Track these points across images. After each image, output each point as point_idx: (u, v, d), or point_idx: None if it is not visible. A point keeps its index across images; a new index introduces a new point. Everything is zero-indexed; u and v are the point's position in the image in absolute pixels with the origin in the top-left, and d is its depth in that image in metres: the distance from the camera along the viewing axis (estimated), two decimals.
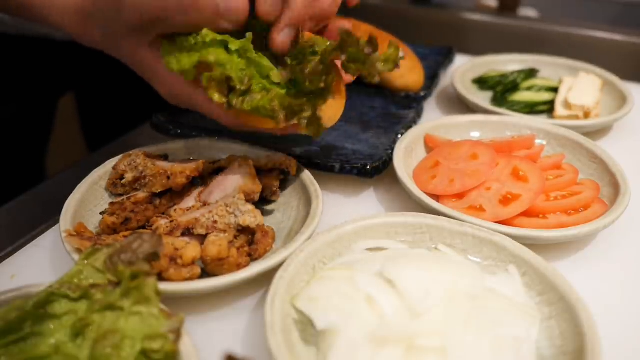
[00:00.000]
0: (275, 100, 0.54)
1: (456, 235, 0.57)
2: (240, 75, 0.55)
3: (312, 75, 0.54)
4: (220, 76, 0.55)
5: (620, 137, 0.87)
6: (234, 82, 0.55)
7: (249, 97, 0.55)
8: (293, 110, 0.54)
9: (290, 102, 0.54)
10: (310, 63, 0.54)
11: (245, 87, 0.55)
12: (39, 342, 0.43)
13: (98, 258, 0.47)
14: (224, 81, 0.55)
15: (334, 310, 0.48)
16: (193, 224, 0.56)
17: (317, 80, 0.54)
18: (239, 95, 0.55)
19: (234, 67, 0.55)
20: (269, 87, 0.56)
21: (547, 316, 0.50)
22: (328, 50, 0.54)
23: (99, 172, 0.65)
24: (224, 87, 0.55)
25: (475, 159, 0.69)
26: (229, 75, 0.54)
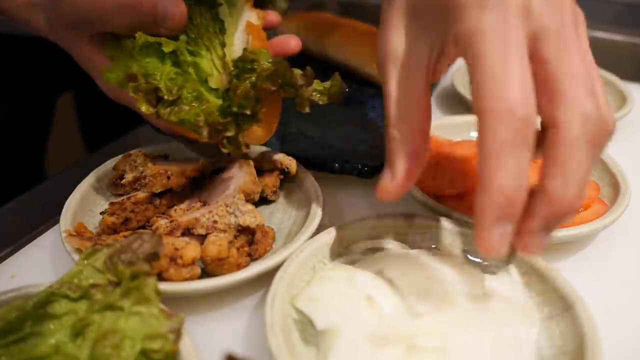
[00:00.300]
0: (200, 115, 0.53)
1: (456, 235, 0.57)
2: (169, 84, 0.54)
3: (242, 99, 0.52)
4: (147, 86, 0.53)
5: (620, 137, 0.87)
6: (162, 92, 0.53)
7: (177, 108, 0.54)
8: (216, 129, 0.52)
9: (214, 119, 0.53)
10: (244, 84, 0.53)
11: (173, 97, 0.54)
12: (39, 342, 0.43)
13: (98, 258, 0.47)
14: (152, 91, 0.54)
15: (334, 310, 0.48)
16: (193, 224, 0.56)
17: (245, 105, 0.52)
18: (167, 106, 0.54)
19: (164, 75, 0.54)
20: (205, 94, 0.56)
21: (547, 316, 0.50)
22: (261, 77, 0.53)
23: (99, 172, 0.65)
24: (152, 97, 0.54)
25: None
26: (156, 85, 0.53)
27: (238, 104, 0.52)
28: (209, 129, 0.52)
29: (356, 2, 1.40)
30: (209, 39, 0.59)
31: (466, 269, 0.53)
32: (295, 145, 0.75)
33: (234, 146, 0.53)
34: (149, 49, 0.55)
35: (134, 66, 0.54)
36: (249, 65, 0.55)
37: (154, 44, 0.55)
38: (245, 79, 0.54)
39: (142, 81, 0.53)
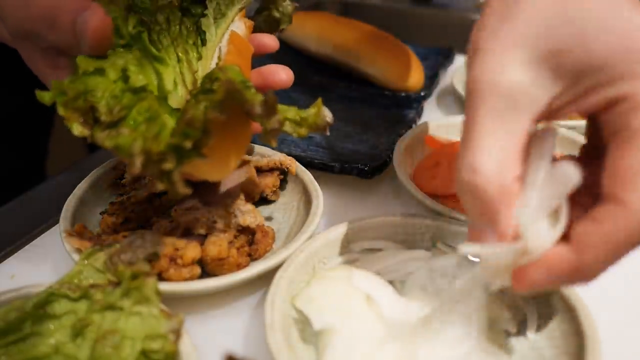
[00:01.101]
0: (138, 141, 0.43)
1: (456, 235, 0.57)
2: (111, 103, 0.45)
3: (185, 128, 0.42)
4: (83, 104, 0.44)
5: None
6: (99, 112, 0.44)
7: (114, 132, 0.44)
8: (151, 159, 0.42)
9: (150, 148, 0.42)
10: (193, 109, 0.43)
11: (113, 118, 0.44)
12: (38, 342, 0.43)
13: (98, 258, 0.47)
14: (88, 110, 0.45)
15: (332, 310, 0.48)
16: (193, 224, 0.56)
17: (189, 135, 0.42)
18: (104, 129, 0.44)
19: (106, 92, 0.45)
20: (162, 117, 0.46)
21: (547, 316, 0.50)
22: (212, 102, 0.44)
23: (99, 172, 0.65)
24: (89, 117, 0.45)
25: None
26: (93, 103, 0.44)
27: (181, 132, 0.42)
28: (143, 159, 0.42)
29: (357, 2, 1.40)
30: (184, 50, 0.52)
31: (466, 269, 0.53)
32: (295, 145, 0.75)
33: (169, 183, 0.42)
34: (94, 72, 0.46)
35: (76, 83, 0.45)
36: (209, 85, 0.47)
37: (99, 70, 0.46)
38: (199, 101, 0.45)
39: (77, 98, 0.44)
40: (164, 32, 0.52)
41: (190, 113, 0.42)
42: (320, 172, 0.69)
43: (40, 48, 0.52)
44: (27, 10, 0.49)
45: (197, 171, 0.47)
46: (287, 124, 0.47)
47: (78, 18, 0.47)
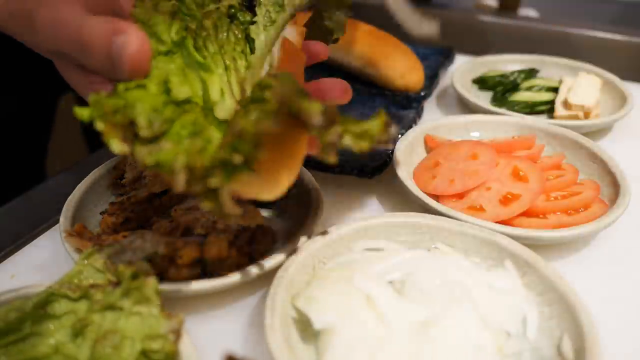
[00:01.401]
0: (181, 156, 0.39)
1: (456, 235, 0.57)
2: (152, 117, 0.41)
3: (235, 141, 0.39)
4: (121, 119, 0.41)
5: (620, 137, 0.87)
6: (139, 127, 0.41)
7: (156, 147, 0.41)
8: (195, 176, 0.39)
9: (194, 163, 0.39)
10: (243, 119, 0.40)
11: (153, 134, 0.41)
12: (38, 342, 0.43)
13: (98, 258, 0.47)
14: (127, 125, 0.41)
15: (333, 310, 0.48)
16: (193, 224, 0.56)
17: (238, 149, 0.39)
18: (145, 144, 0.41)
19: (147, 104, 0.42)
20: (208, 130, 0.43)
21: (547, 316, 0.50)
22: (267, 112, 0.40)
23: (99, 172, 0.65)
24: (128, 132, 0.41)
25: (475, 159, 0.69)
26: (131, 118, 0.41)
27: (230, 146, 0.39)
28: (187, 176, 0.39)
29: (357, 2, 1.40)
30: (232, 58, 0.48)
31: (466, 269, 0.53)
32: None
33: (216, 202, 0.39)
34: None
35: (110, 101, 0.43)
36: (260, 93, 0.44)
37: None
38: (250, 111, 0.42)
39: (116, 111, 0.41)
40: (211, 38, 0.49)
41: (240, 124, 0.39)
42: (320, 172, 0.69)
43: (73, 65, 0.50)
44: (56, 31, 0.46)
45: (246, 190, 0.42)
46: (347, 137, 0.41)
47: (113, 43, 0.43)
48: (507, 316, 0.49)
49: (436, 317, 0.47)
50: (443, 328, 0.46)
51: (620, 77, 0.97)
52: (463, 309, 0.48)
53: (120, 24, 0.44)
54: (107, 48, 0.44)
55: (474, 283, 0.51)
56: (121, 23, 0.45)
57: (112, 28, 0.44)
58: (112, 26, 0.44)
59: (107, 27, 0.44)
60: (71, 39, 0.46)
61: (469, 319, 0.48)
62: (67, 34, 0.46)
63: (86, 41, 0.44)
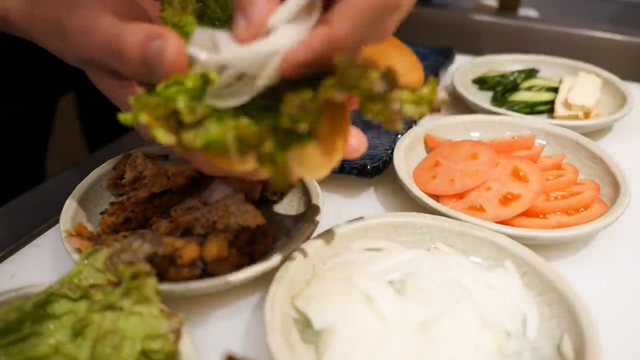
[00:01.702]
0: (230, 132, 0.39)
1: (456, 235, 0.57)
2: (191, 103, 0.42)
3: (296, 111, 0.39)
4: (164, 110, 0.41)
5: (620, 137, 0.87)
6: (182, 116, 0.41)
7: (201, 129, 0.41)
8: (248, 143, 0.39)
9: (245, 131, 0.39)
10: (295, 96, 0.39)
11: (197, 118, 0.41)
12: (38, 342, 0.43)
13: (98, 258, 0.47)
14: (170, 115, 0.42)
15: (333, 310, 0.48)
16: (193, 224, 0.56)
17: (299, 119, 0.39)
18: (191, 129, 0.41)
19: (186, 94, 0.42)
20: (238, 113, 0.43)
21: (547, 316, 0.50)
22: (326, 85, 0.40)
23: (99, 172, 0.65)
24: (172, 121, 0.42)
25: (475, 159, 0.69)
26: (173, 107, 0.41)
27: (290, 117, 0.39)
28: (238, 145, 0.39)
29: None
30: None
31: (466, 269, 0.53)
32: None
33: (276, 170, 0.39)
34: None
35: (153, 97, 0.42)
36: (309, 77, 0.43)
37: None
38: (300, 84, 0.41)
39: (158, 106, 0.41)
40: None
41: (301, 95, 0.39)
42: None
43: (105, 72, 0.50)
44: (88, 39, 0.46)
45: (307, 162, 0.41)
46: (406, 105, 0.42)
47: (149, 47, 0.43)
48: (507, 316, 0.49)
49: (436, 317, 0.47)
50: (443, 328, 0.46)
51: (620, 77, 0.97)
52: (463, 309, 0.48)
53: (154, 28, 0.44)
54: (143, 54, 0.43)
55: (474, 283, 0.51)
56: (156, 27, 0.44)
57: (147, 33, 0.44)
58: (147, 31, 0.44)
59: (142, 32, 0.44)
60: (105, 47, 0.45)
61: (469, 319, 0.48)
62: (100, 42, 0.46)
63: (121, 48, 0.44)
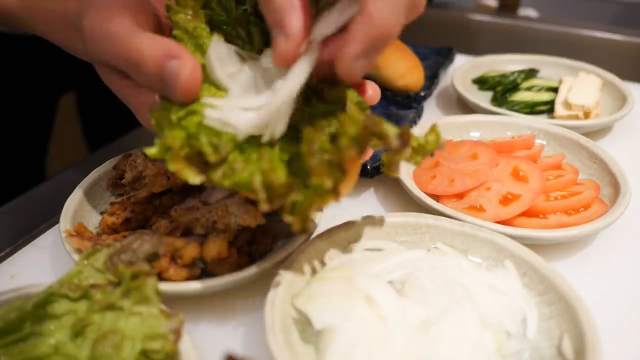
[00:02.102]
0: (257, 175, 0.42)
1: (456, 235, 0.57)
2: (214, 140, 0.44)
3: (321, 170, 0.42)
4: (189, 151, 0.44)
5: (620, 137, 0.87)
6: (207, 156, 0.44)
7: (228, 169, 0.44)
8: (278, 193, 0.42)
9: (274, 180, 0.42)
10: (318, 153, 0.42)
11: (221, 156, 0.44)
12: (38, 342, 0.43)
13: (98, 258, 0.47)
14: (196, 156, 0.44)
15: (333, 310, 0.48)
16: (193, 223, 0.56)
17: (320, 177, 0.42)
18: (217, 168, 0.44)
19: (206, 131, 0.45)
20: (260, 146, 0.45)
21: (547, 316, 0.50)
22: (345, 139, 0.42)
23: (99, 172, 0.65)
24: (198, 162, 0.44)
25: (475, 159, 0.69)
26: (198, 148, 0.44)
27: (317, 174, 0.42)
28: (267, 194, 0.42)
29: None
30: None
31: (466, 269, 0.53)
32: None
33: (300, 218, 0.42)
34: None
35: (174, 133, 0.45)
36: (324, 108, 0.46)
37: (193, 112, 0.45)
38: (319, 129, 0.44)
39: (182, 147, 0.44)
40: (247, 45, 0.51)
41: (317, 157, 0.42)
42: None
43: (116, 71, 0.50)
44: (106, 44, 0.47)
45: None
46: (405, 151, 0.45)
47: (167, 66, 0.45)
48: (507, 316, 0.49)
49: (436, 317, 0.47)
50: (443, 328, 0.46)
51: (620, 77, 0.97)
52: (463, 309, 0.48)
53: (173, 47, 0.46)
54: (160, 70, 0.45)
55: (474, 283, 0.51)
56: (174, 46, 0.46)
57: (165, 51, 0.45)
58: (166, 49, 0.45)
59: (161, 49, 0.46)
60: (123, 56, 0.47)
61: (469, 318, 0.48)
62: (118, 50, 0.47)
63: (139, 60, 0.46)
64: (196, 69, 0.45)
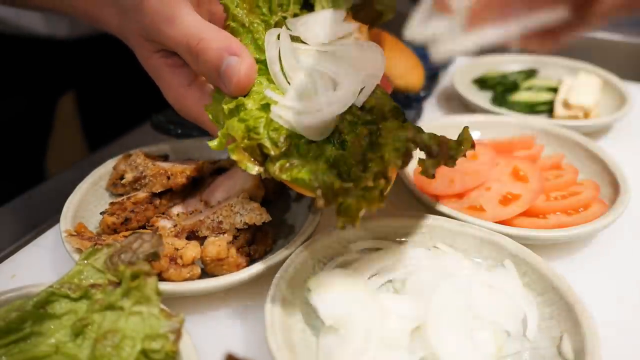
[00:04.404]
0: (317, 176, 0.46)
1: (456, 235, 0.57)
2: (273, 136, 0.48)
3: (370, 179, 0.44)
4: (249, 143, 0.48)
5: (620, 137, 0.87)
6: (267, 149, 0.48)
7: (287, 164, 0.47)
8: (335, 194, 0.45)
9: (333, 182, 0.45)
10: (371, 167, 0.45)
11: (281, 150, 0.48)
12: (39, 341, 0.43)
13: (98, 258, 0.47)
14: (256, 148, 0.48)
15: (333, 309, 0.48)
16: (198, 226, 0.56)
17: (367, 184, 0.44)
18: (275, 161, 0.48)
19: (267, 125, 0.48)
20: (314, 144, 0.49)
21: (547, 316, 0.50)
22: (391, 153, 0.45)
23: (99, 172, 0.65)
24: (257, 154, 0.48)
25: (475, 159, 0.69)
26: (258, 141, 0.48)
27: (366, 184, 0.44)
28: (324, 193, 0.45)
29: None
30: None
31: (466, 268, 0.53)
32: None
33: (349, 217, 0.44)
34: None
35: (234, 124, 0.48)
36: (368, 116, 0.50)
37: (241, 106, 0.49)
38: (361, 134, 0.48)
39: (243, 138, 0.48)
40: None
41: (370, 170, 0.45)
42: None
43: (156, 49, 0.53)
44: (168, 28, 0.49)
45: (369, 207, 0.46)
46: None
47: (225, 60, 0.48)
48: (507, 316, 0.49)
49: (436, 317, 0.47)
50: (442, 327, 0.46)
51: (620, 77, 0.97)
52: (462, 309, 0.48)
53: (234, 43, 0.49)
54: (219, 63, 0.48)
55: (474, 283, 0.51)
56: (235, 42, 0.49)
57: (227, 46, 0.49)
58: (228, 44, 0.49)
59: (223, 43, 0.49)
60: (183, 42, 0.49)
61: (469, 318, 0.48)
62: (180, 36, 0.49)
63: (201, 50, 0.49)
64: (253, 67, 0.49)
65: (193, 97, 0.53)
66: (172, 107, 0.56)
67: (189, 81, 0.53)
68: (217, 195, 0.61)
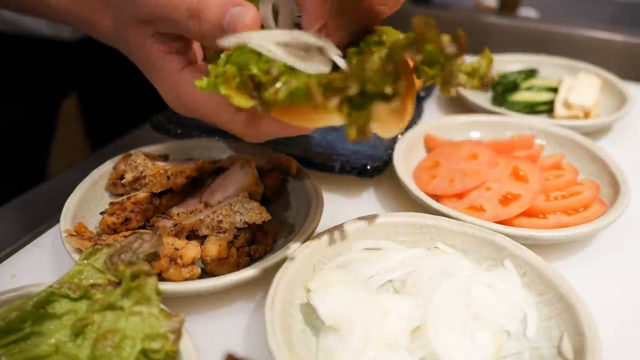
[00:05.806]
0: (312, 78, 0.42)
1: (456, 235, 0.57)
2: (265, 67, 0.45)
3: (376, 75, 0.41)
4: (241, 77, 0.45)
5: (620, 137, 0.87)
6: (259, 77, 0.45)
7: (281, 84, 0.44)
8: (333, 87, 0.41)
9: (330, 77, 0.42)
10: (373, 56, 0.43)
11: (274, 75, 0.44)
12: (39, 341, 0.43)
13: (98, 258, 0.47)
14: (247, 80, 0.45)
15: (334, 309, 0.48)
16: (198, 225, 0.56)
17: (381, 82, 0.41)
18: (270, 86, 0.44)
19: (259, 63, 0.45)
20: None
21: (547, 316, 0.50)
22: (400, 45, 0.43)
23: (99, 172, 0.65)
24: (249, 86, 0.45)
25: (475, 159, 0.69)
26: (250, 73, 0.45)
27: (372, 81, 0.41)
28: (323, 90, 0.41)
29: None
30: None
31: (466, 268, 0.53)
32: (295, 145, 0.75)
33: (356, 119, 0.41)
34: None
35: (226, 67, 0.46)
36: (376, 38, 0.47)
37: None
38: (372, 52, 0.44)
39: (235, 77, 0.45)
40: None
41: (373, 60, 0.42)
42: (320, 172, 0.69)
43: (157, 32, 0.53)
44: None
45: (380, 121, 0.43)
46: (461, 75, 0.46)
47: (229, 12, 0.48)
48: (507, 316, 0.49)
49: (436, 317, 0.47)
50: (442, 327, 0.46)
51: (620, 77, 0.97)
52: (463, 309, 0.48)
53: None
54: (222, 17, 0.48)
55: (474, 283, 0.51)
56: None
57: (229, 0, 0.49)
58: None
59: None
60: (187, 5, 0.49)
61: (468, 318, 0.48)
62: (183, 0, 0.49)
63: (202, 7, 0.48)
64: (257, 15, 0.48)
65: (186, 80, 0.53)
66: (166, 101, 0.56)
67: (182, 66, 0.54)
68: (217, 196, 0.61)
